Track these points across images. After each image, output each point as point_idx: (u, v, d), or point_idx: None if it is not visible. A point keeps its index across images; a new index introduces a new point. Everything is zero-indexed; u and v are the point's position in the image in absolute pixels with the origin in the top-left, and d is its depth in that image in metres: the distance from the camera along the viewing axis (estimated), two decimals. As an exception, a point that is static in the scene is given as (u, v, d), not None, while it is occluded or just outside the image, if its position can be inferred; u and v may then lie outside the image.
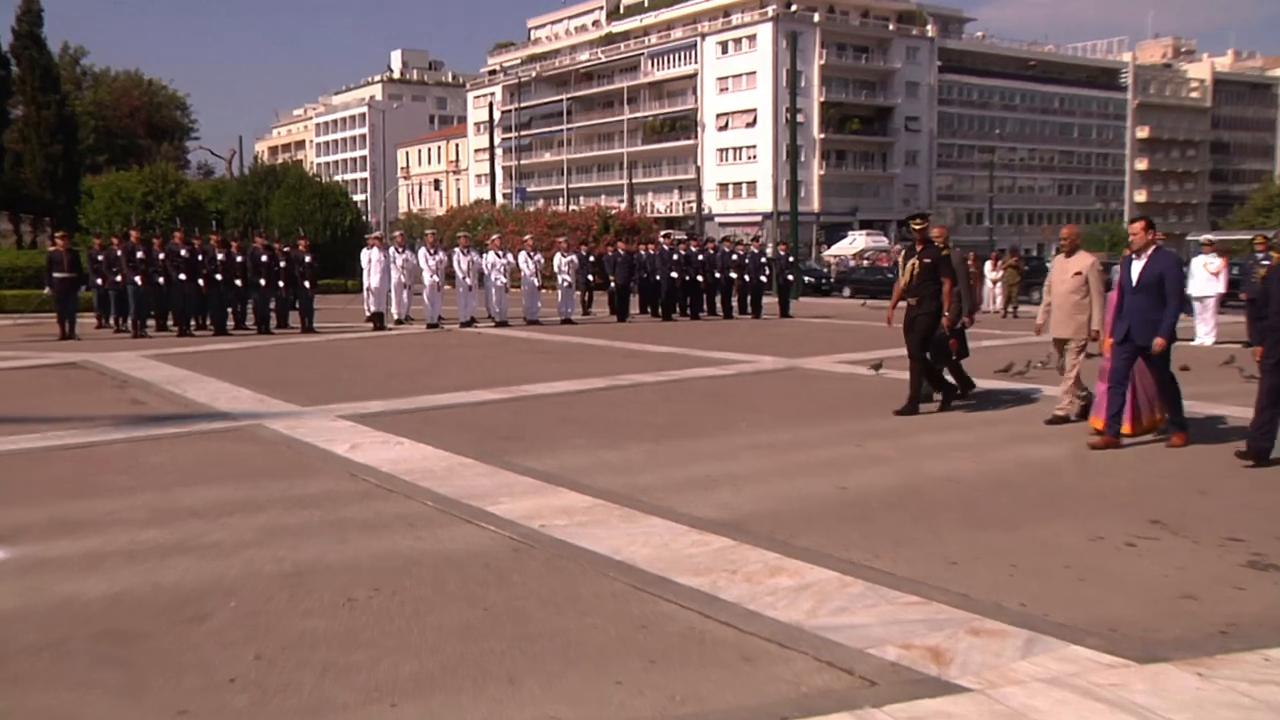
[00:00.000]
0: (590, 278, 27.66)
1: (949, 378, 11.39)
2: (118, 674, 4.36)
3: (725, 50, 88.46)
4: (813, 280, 42.18)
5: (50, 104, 34.49)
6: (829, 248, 69.64)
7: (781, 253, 29.36)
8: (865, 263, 48.76)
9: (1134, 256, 9.12)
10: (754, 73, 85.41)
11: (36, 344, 18.40)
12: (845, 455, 8.86)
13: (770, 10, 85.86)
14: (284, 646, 4.65)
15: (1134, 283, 9.01)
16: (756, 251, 28.48)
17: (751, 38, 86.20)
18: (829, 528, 6.55)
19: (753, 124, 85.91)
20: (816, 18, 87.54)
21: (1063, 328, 10.25)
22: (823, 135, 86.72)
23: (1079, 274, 10.10)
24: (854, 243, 66.52)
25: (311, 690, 4.21)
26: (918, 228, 10.95)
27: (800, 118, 60.61)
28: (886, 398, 11.66)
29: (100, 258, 21.03)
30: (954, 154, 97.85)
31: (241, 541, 6.24)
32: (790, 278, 28.88)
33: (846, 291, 40.27)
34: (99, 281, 21.17)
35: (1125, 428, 9.32)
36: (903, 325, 10.94)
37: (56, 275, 19.88)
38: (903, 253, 11.38)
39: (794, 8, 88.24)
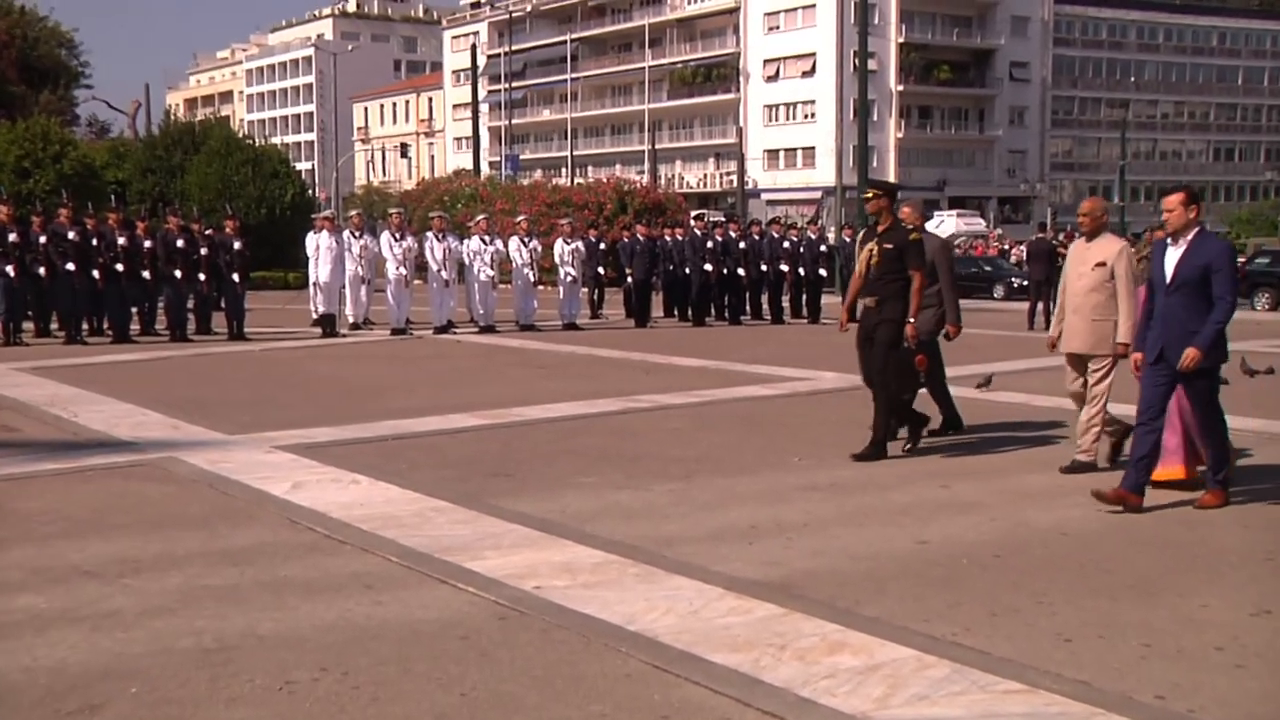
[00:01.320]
0: (601, 271, 27.76)
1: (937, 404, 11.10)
2: (-12, 776, 4.41)
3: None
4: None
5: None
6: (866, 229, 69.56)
7: (847, 239, 29.40)
8: (956, 251, 48.68)
9: (1169, 242, 8.50)
10: (812, 6, 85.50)
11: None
12: (927, 499, 8.87)
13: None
14: (202, 742, 4.69)
15: (1168, 279, 8.38)
16: (814, 237, 28.50)
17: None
18: (906, 592, 6.56)
19: (810, 73, 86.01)
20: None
21: (1080, 339, 9.73)
22: (902, 87, 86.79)
23: (1102, 264, 9.57)
24: (941, 225, 66.40)
25: (237, 798, 4.25)
26: (869, 198, 10.60)
27: (873, 64, 60.76)
28: (985, 426, 11.67)
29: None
30: (1074, 110, 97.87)
31: (149, 608, 6.28)
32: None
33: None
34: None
35: (1178, 469, 9.06)
36: (857, 334, 10.54)
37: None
38: (860, 236, 11.10)
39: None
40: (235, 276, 21.84)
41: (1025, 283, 29.97)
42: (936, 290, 10.90)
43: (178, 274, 21.12)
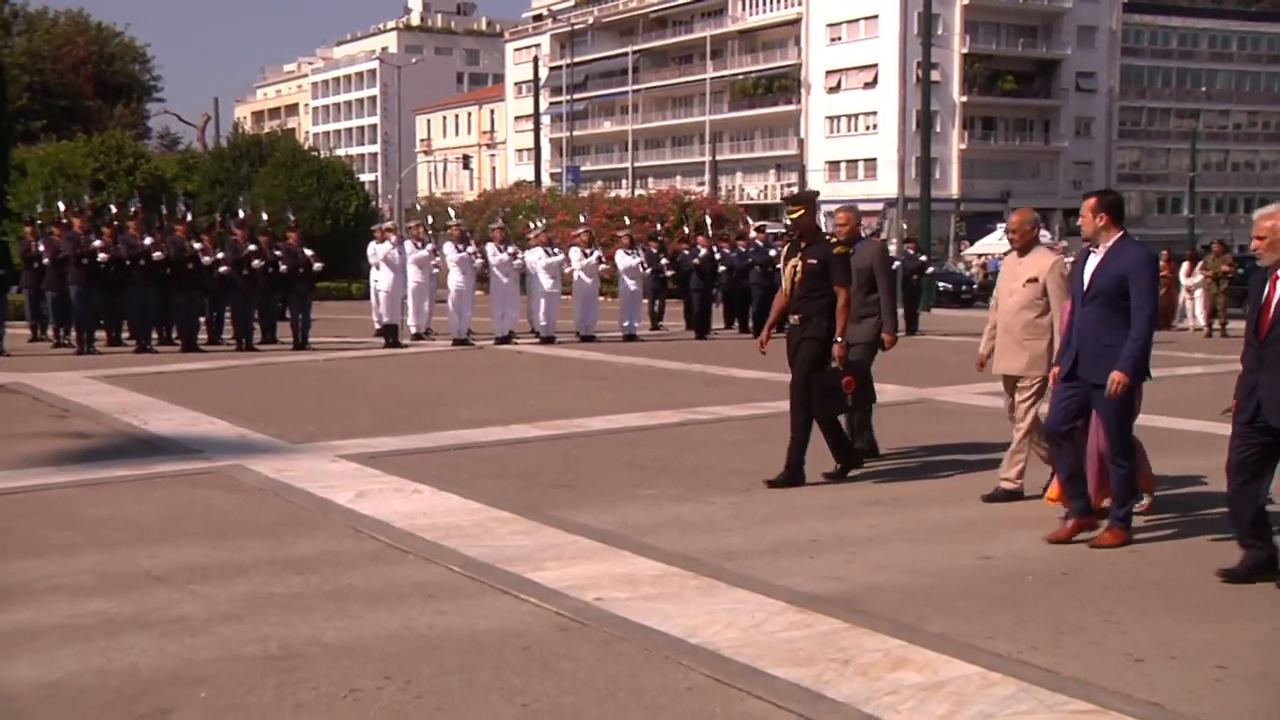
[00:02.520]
0: (664, 281, 27.79)
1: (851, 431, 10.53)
2: (59, 780, 4.47)
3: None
4: (949, 287, 41.94)
5: (-26, 55, 35.42)
6: (970, 245, 69.17)
7: (910, 252, 29.29)
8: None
9: (1091, 249, 7.98)
10: (875, 17, 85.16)
11: (-41, 361, 18.91)
12: (989, 515, 8.82)
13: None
14: (268, 749, 4.74)
15: (1085, 288, 7.91)
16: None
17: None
18: (970, 609, 6.52)
19: (872, 84, 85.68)
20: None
21: (1011, 359, 9.11)
22: (965, 98, 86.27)
23: (1033, 280, 9.00)
24: (1004, 238, 65.96)
25: (303, 805, 4.28)
26: (794, 214, 9.96)
27: (936, 75, 60.48)
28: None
29: (36, 252, 21.53)
30: (1142, 120, 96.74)
31: (216, 615, 6.35)
32: (916, 279, 28.76)
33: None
34: (34, 282, 21.72)
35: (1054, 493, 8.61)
36: (787, 353, 9.96)
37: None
38: (784, 251, 10.42)
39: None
40: (300, 287, 22.05)
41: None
42: (877, 299, 10.68)
43: (244, 285, 21.37)
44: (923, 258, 30.62)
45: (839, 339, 9.62)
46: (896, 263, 22.84)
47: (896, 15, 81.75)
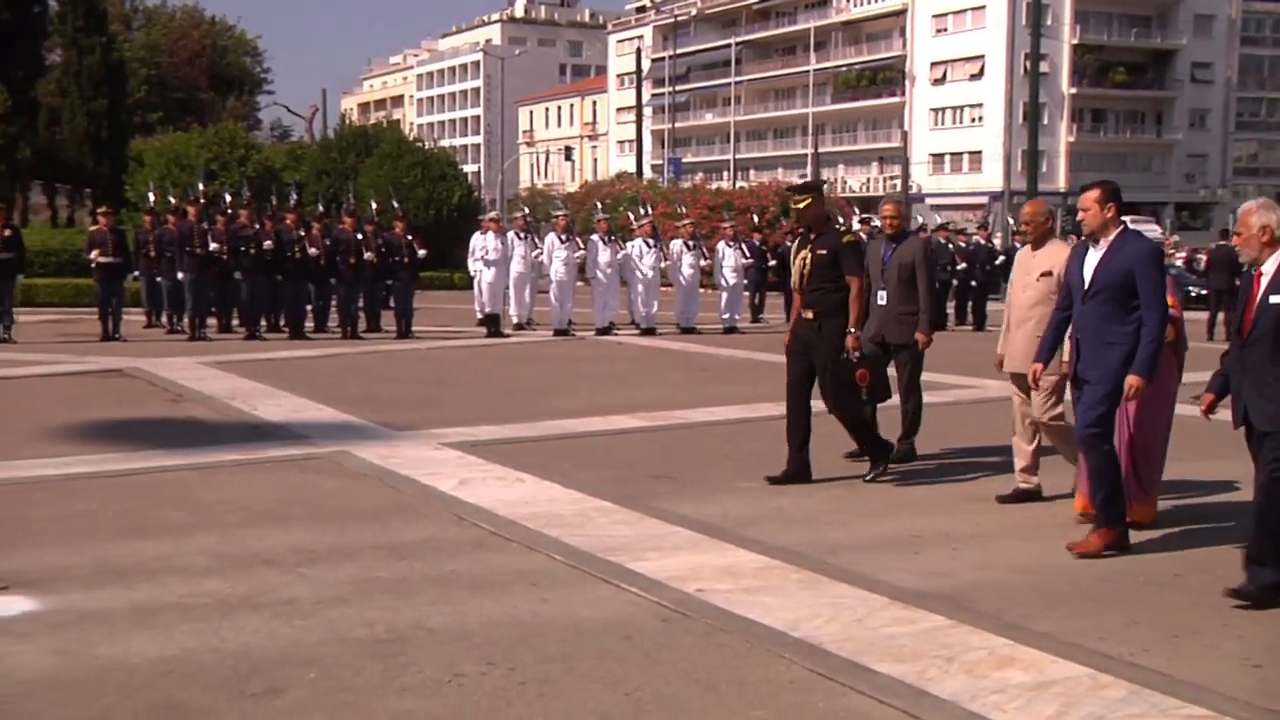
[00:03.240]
0: (765, 273, 27.71)
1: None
2: (174, 755, 4.58)
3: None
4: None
5: (95, 48, 36.12)
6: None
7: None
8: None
9: (1091, 243, 7.67)
10: (982, 8, 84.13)
11: (73, 346, 19.38)
12: (1100, 513, 8.67)
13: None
14: (375, 731, 4.81)
15: (1086, 284, 7.55)
16: (983, 242, 28.15)
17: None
18: (1078, 609, 6.44)
19: (979, 75, 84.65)
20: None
21: (1024, 358, 8.51)
22: (1074, 89, 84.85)
23: (1048, 274, 8.62)
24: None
25: (409, 787, 4.35)
26: (801, 204, 9.63)
27: (1044, 66, 59.63)
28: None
29: (151, 240, 22.00)
30: (1261, 112, 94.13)
31: (324, 598, 6.46)
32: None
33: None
34: (150, 270, 22.19)
35: (1079, 503, 8.29)
36: (787, 345, 9.66)
37: (98, 261, 20.89)
38: (794, 244, 10.03)
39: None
40: (405, 277, 22.30)
41: (1204, 292, 29.11)
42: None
43: (350, 273, 21.71)
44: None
45: (852, 330, 9.23)
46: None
47: (1004, 5, 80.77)
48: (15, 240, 20.42)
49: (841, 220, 21.43)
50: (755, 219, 33.96)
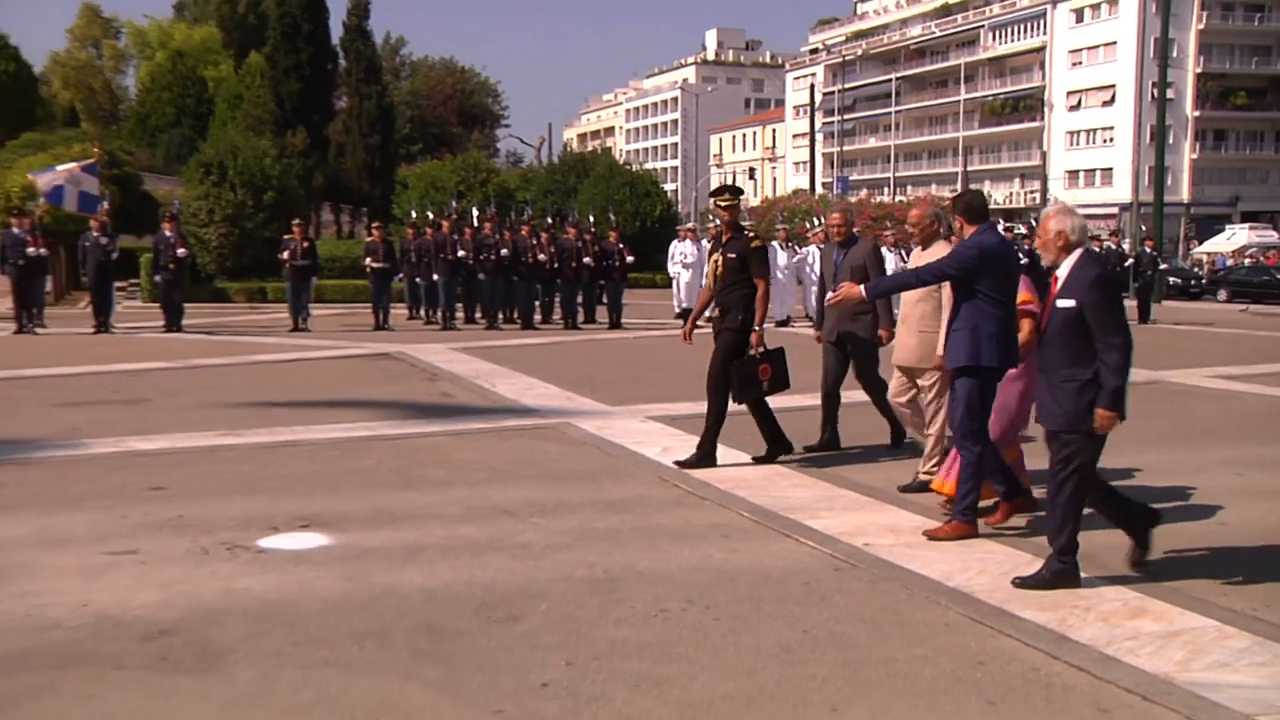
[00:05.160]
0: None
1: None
2: (436, 669, 4.70)
3: (1080, 19, 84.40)
4: (1179, 281, 39.74)
5: (372, 95, 37.45)
6: (1200, 243, 65.17)
7: (1147, 248, 27.86)
8: (1247, 261, 45.47)
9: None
10: (1114, 43, 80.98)
11: (352, 334, 20.05)
12: (1222, 485, 8.30)
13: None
14: (595, 655, 4.86)
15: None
16: (1114, 247, 27.17)
17: (1113, 2, 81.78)
18: (1203, 568, 6.18)
19: (1110, 102, 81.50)
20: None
21: (907, 351, 8.00)
22: (1198, 112, 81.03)
23: None
24: (1233, 238, 61.91)
25: (624, 703, 4.39)
26: (725, 204, 8.89)
27: (1170, 93, 57.04)
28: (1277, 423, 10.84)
29: (413, 248, 22.66)
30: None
31: (552, 544, 6.57)
32: (1150, 273, 27.30)
33: (1222, 295, 37.99)
34: (411, 272, 22.85)
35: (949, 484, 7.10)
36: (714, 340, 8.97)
37: (372, 266, 21.60)
38: (709, 247, 9.28)
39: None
40: (616, 277, 22.52)
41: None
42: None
43: (571, 274, 22.04)
44: (1156, 254, 29.00)
45: (756, 328, 8.63)
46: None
47: (1134, 41, 77.38)
48: (311, 250, 21.32)
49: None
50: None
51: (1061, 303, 5.74)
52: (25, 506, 7.39)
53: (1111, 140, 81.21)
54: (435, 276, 21.87)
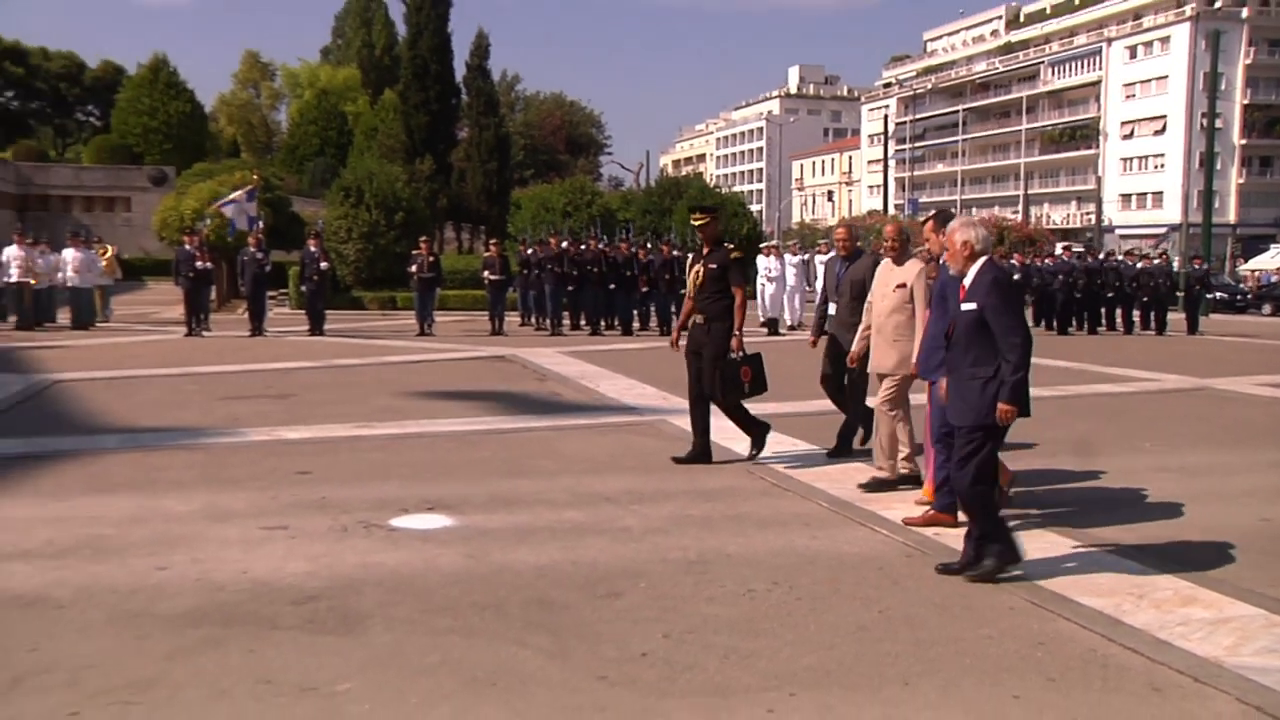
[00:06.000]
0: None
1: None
2: (546, 637, 4.73)
3: (1133, 55, 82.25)
4: (1225, 296, 38.56)
5: (490, 126, 37.79)
6: (1245, 262, 63.11)
7: (1196, 266, 27.07)
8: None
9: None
10: (1165, 77, 78.78)
11: (471, 338, 20.26)
12: (1269, 485, 8.03)
13: (1188, 9, 78.72)
14: (689, 628, 4.84)
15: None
16: (1164, 265, 26.43)
17: (1165, 40, 79.53)
18: (1250, 561, 5.97)
19: (1161, 131, 79.26)
20: (1245, 13, 79.13)
21: (883, 358, 7.66)
22: (1244, 141, 78.46)
23: (903, 286, 7.56)
24: (1277, 256, 59.91)
25: (715, 671, 4.37)
26: (701, 222, 8.62)
27: (1219, 123, 55.32)
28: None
29: (526, 262, 22.86)
30: None
31: (650, 528, 6.56)
32: (1197, 288, 26.50)
33: (1266, 309, 36.78)
34: (524, 284, 23.06)
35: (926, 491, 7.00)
36: (686, 348, 8.64)
37: (489, 278, 21.83)
38: (689, 259, 8.93)
39: (1218, 4, 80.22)
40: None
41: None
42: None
43: (667, 286, 21.98)
44: (1205, 268, 28.17)
45: (737, 333, 8.33)
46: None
47: (1184, 75, 75.55)
48: (436, 264, 21.65)
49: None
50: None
51: (966, 306, 5.62)
52: (194, 486, 7.60)
53: (1162, 166, 79.06)
54: (545, 287, 22.04)
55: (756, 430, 8.69)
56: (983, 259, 5.66)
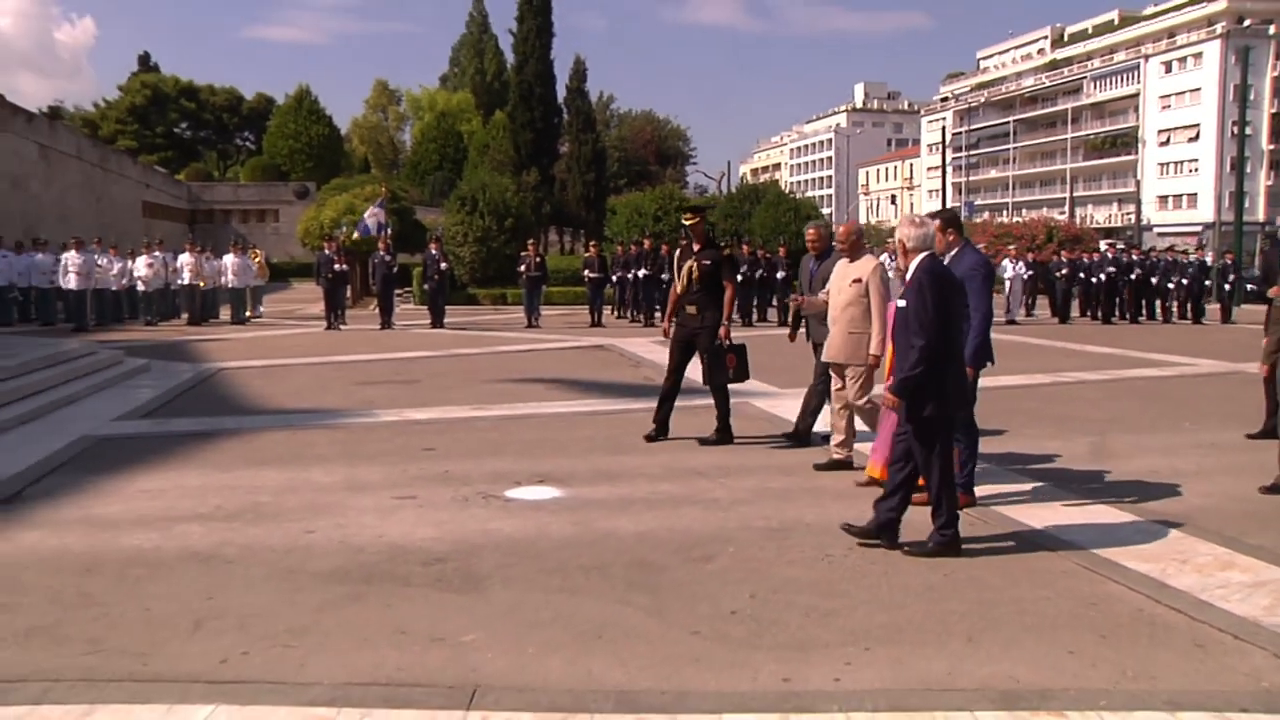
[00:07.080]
0: (1035, 281, 26.29)
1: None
2: (646, 596, 4.73)
3: (1169, 69, 79.33)
4: (1255, 288, 37.05)
5: (588, 142, 37.93)
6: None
7: (1228, 261, 26.08)
8: (1320, 270, 42.04)
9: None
10: (1198, 89, 75.85)
11: (573, 330, 20.36)
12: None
13: (1219, 28, 75.70)
14: (773, 589, 4.81)
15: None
16: (1199, 260, 25.56)
17: (1197, 56, 76.57)
18: (1288, 532, 5.72)
19: (1195, 139, 76.33)
20: (1272, 29, 75.70)
21: (836, 349, 7.27)
22: (1272, 146, 75.07)
23: (858, 281, 7.11)
24: (1306, 250, 57.32)
25: (797, 628, 4.33)
26: (691, 221, 8.34)
27: (1248, 130, 53.11)
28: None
29: (622, 261, 22.87)
30: None
31: (736, 499, 6.52)
32: (1232, 282, 25.45)
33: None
34: (620, 280, 23.08)
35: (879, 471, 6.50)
36: (674, 336, 8.45)
37: (589, 275, 21.89)
38: (677, 254, 8.62)
39: (1246, 23, 77.02)
40: (781, 285, 22.31)
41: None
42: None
43: (743, 284, 21.88)
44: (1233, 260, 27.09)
45: (725, 322, 8.23)
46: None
47: (1216, 88, 72.94)
48: (542, 264, 21.83)
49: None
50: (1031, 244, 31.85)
51: (900, 302, 5.38)
52: (335, 460, 7.76)
53: (1196, 170, 76.40)
54: (638, 283, 22.03)
55: (725, 434, 8.37)
56: (920, 256, 5.32)
